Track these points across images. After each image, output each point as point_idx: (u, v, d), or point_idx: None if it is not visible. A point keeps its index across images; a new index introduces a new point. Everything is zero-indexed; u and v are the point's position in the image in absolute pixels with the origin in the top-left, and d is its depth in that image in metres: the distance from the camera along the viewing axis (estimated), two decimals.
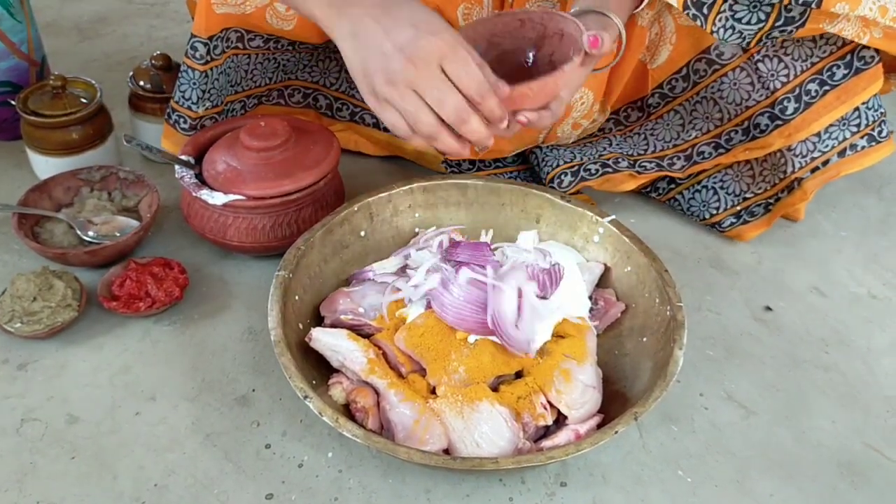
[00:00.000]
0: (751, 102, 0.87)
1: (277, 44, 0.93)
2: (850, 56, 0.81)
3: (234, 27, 0.87)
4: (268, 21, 0.86)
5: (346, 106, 1.04)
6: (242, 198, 0.79)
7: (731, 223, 0.95)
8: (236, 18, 0.86)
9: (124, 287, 0.78)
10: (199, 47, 0.86)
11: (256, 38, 0.91)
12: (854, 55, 0.81)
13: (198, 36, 0.85)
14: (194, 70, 0.87)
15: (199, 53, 0.86)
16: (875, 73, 0.82)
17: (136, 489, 0.65)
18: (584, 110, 0.87)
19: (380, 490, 0.66)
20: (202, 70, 0.86)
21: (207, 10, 0.84)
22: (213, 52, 0.87)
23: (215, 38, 0.86)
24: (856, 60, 0.82)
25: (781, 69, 0.84)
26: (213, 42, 0.86)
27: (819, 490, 0.69)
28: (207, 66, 0.87)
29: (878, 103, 0.86)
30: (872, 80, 0.82)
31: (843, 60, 0.82)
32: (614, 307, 0.77)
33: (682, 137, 0.93)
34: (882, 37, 0.76)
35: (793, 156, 0.87)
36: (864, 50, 0.81)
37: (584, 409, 0.67)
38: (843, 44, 0.81)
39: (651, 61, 0.89)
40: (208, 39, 0.86)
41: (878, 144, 0.87)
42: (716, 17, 0.74)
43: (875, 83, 0.83)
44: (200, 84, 0.88)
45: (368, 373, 0.68)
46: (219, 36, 0.86)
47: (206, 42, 0.86)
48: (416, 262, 0.78)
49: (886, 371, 0.80)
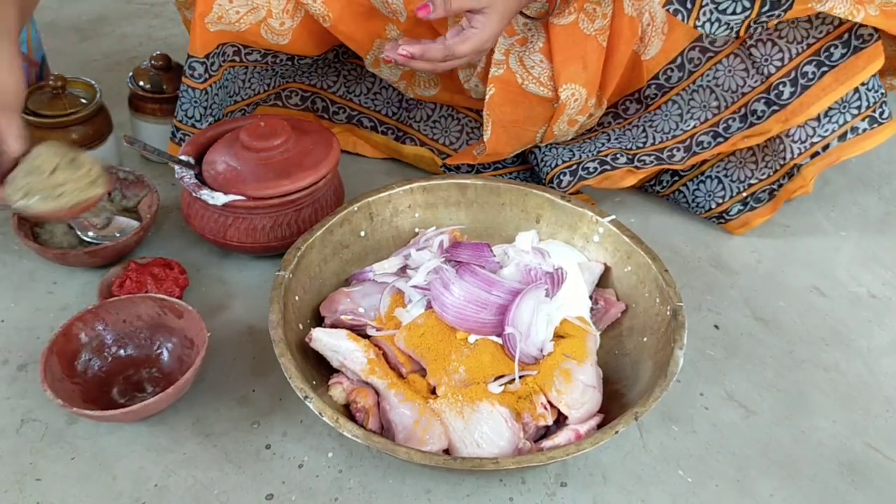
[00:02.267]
0: (746, 89, 0.86)
1: (276, 58, 0.93)
2: (847, 35, 0.79)
3: (229, 42, 0.88)
4: (263, 37, 0.87)
5: (343, 109, 1.04)
6: (242, 198, 0.79)
7: (738, 210, 0.94)
8: (231, 35, 0.86)
9: (124, 287, 0.78)
10: (196, 67, 0.86)
11: (254, 53, 0.92)
12: (852, 33, 0.79)
13: (194, 56, 0.86)
14: (195, 89, 0.87)
15: (198, 72, 0.87)
16: (874, 51, 0.79)
17: (136, 489, 0.65)
18: (578, 107, 0.86)
19: (380, 490, 0.66)
20: (202, 88, 0.87)
21: (202, 29, 0.85)
22: (210, 70, 0.88)
23: (212, 55, 0.87)
24: (854, 39, 0.79)
25: (775, 53, 0.82)
26: (210, 59, 0.87)
27: (819, 489, 0.69)
28: (206, 84, 0.88)
29: (877, 84, 0.83)
30: (872, 58, 0.80)
31: (840, 40, 0.80)
32: (614, 307, 0.77)
33: (681, 128, 0.92)
34: (879, 14, 0.74)
35: (791, 142, 0.86)
36: (862, 28, 0.79)
37: (584, 409, 0.67)
38: (839, 23, 0.79)
39: (644, 52, 0.89)
40: (205, 58, 0.86)
41: (880, 126, 0.85)
42: (699, 12, 0.73)
43: (875, 62, 0.80)
44: (202, 102, 0.89)
45: (368, 373, 0.68)
46: (215, 52, 0.87)
47: (204, 61, 0.86)
48: (416, 262, 0.78)
49: (886, 371, 0.80)
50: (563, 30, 0.83)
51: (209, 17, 0.84)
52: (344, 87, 1.03)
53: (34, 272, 0.85)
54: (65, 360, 0.69)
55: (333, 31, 0.86)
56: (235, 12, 0.84)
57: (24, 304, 0.82)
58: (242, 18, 0.84)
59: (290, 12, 0.85)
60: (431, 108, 1.02)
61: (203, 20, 0.84)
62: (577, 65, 0.84)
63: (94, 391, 0.70)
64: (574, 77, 0.84)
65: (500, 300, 0.71)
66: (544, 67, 0.85)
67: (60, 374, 0.68)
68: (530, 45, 0.85)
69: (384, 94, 1.03)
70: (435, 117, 1.02)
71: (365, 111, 1.04)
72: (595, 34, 0.83)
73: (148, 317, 0.74)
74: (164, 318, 0.74)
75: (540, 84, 0.85)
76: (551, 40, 0.84)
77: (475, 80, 0.91)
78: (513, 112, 0.87)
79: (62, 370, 0.69)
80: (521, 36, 0.85)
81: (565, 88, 0.84)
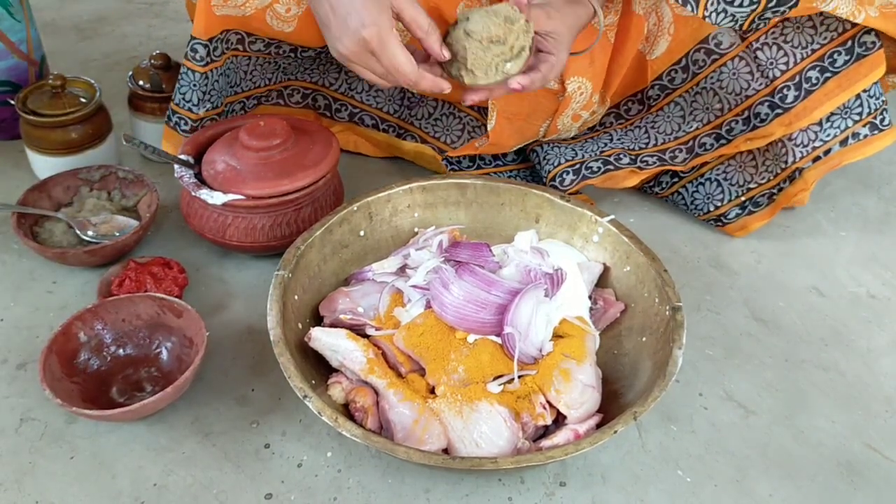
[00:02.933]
0: (750, 92, 0.86)
1: (279, 49, 0.93)
2: (851, 42, 0.81)
3: (234, 29, 0.87)
4: (268, 23, 0.86)
5: (345, 106, 1.04)
6: (242, 197, 0.79)
7: (736, 214, 0.94)
8: (236, 20, 0.86)
9: (123, 286, 0.78)
10: (198, 49, 0.85)
11: (257, 42, 0.91)
12: (855, 41, 0.80)
13: (197, 38, 0.85)
14: (194, 72, 0.87)
15: (199, 55, 0.86)
16: (876, 58, 0.81)
17: (135, 489, 0.65)
18: (583, 101, 0.87)
19: (379, 490, 0.66)
20: (202, 72, 0.86)
21: (207, 11, 0.84)
22: (212, 54, 0.87)
23: (215, 40, 0.86)
24: (857, 46, 0.81)
25: (781, 57, 0.83)
26: (213, 44, 0.86)
27: (818, 490, 0.69)
28: (207, 68, 0.87)
29: (879, 91, 0.84)
30: (874, 66, 0.81)
31: (843, 46, 0.81)
32: (613, 307, 0.77)
33: (684, 129, 0.92)
34: (878, 16, 0.75)
35: (793, 145, 0.87)
36: (865, 35, 0.80)
37: (583, 409, 0.67)
38: (843, 30, 0.80)
39: (650, 52, 0.89)
40: (208, 41, 0.85)
41: (881, 133, 0.86)
42: (707, 2, 0.74)
43: (877, 69, 0.81)
44: (201, 86, 0.88)
45: (368, 372, 0.68)
46: (218, 38, 0.86)
47: (206, 44, 0.85)
48: (415, 262, 0.78)
49: (886, 371, 0.80)
50: None
51: (215, 0, 0.83)
52: (346, 84, 1.03)
53: (34, 271, 0.85)
54: (64, 360, 0.69)
55: None
56: None
57: (24, 303, 0.82)
58: (248, 2, 0.84)
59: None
60: (433, 105, 1.02)
61: (209, 3, 0.83)
62: (584, 58, 0.84)
63: (94, 390, 0.70)
64: (581, 70, 0.85)
65: (500, 300, 0.71)
66: None
67: (60, 373, 0.68)
68: None
69: (386, 91, 1.03)
70: (437, 115, 1.02)
71: (366, 109, 1.04)
72: (605, 30, 0.83)
73: (147, 316, 0.74)
74: (163, 317, 0.74)
75: None
76: None
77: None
78: (518, 104, 0.88)
79: (61, 369, 0.69)
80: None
81: (572, 81, 0.85)
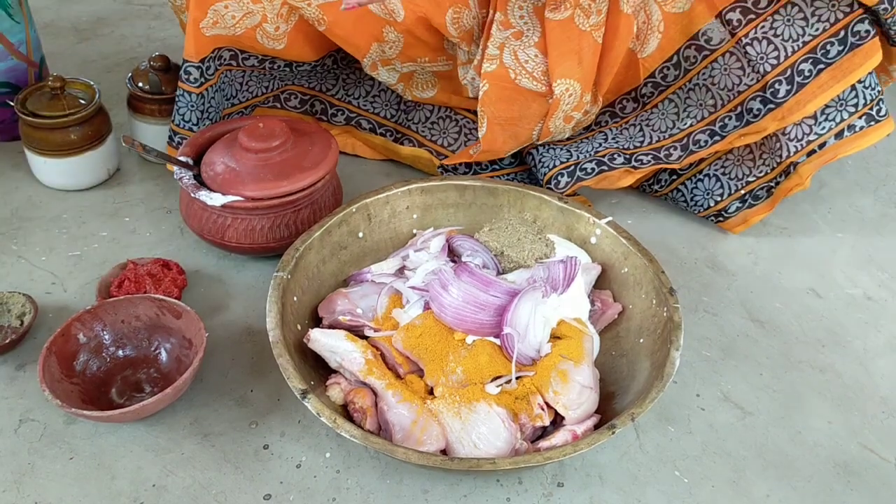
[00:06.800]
0: (742, 87, 0.86)
1: (273, 64, 0.94)
2: (844, 32, 0.79)
3: (226, 46, 0.88)
4: (259, 41, 0.86)
5: (342, 111, 1.05)
6: (241, 199, 0.79)
7: (736, 208, 0.95)
8: (227, 39, 0.86)
9: (122, 288, 0.79)
10: (192, 71, 0.86)
11: (251, 58, 0.91)
12: (848, 30, 0.79)
13: (189, 60, 0.86)
14: (191, 93, 0.87)
15: (193, 77, 0.87)
16: (871, 47, 0.79)
17: (134, 489, 0.65)
18: (574, 102, 0.87)
19: (378, 490, 0.66)
20: (198, 92, 0.87)
21: (196, 34, 0.84)
22: (206, 74, 0.88)
23: (207, 60, 0.87)
24: (850, 36, 0.79)
25: (771, 51, 0.82)
26: (206, 63, 0.87)
27: (815, 490, 0.69)
28: (202, 88, 0.88)
29: (875, 82, 0.83)
30: (869, 55, 0.80)
31: (836, 37, 0.80)
32: (611, 308, 0.77)
33: (678, 126, 0.93)
34: None
35: (787, 140, 0.86)
36: (859, 24, 0.79)
37: (581, 410, 0.67)
38: (836, 20, 0.79)
39: (641, 50, 0.89)
40: (200, 62, 0.86)
41: (877, 124, 0.85)
42: None
43: (872, 59, 0.80)
44: (198, 106, 0.89)
45: (366, 373, 0.68)
46: (211, 56, 0.87)
47: (199, 65, 0.86)
48: (414, 264, 0.78)
49: (882, 372, 0.81)
50: (558, 25, 0.83)
51: (204, 23, 0.84)
52: (343, 89, 1.04)
53: (33, 271, 0.85)
54: (63, 361, 0.70)
55: (329, 35, 0.86)
56: (231, 16, 0.84)
57: None
58: (238, 22, 0.84)
59: (283, 16, 0.85)
60: (430, 109, 1.03)
61: (198, 25, 0.84)
62: (572, 60, 0.84)
63: (93, 391, 0.70)
64: (569, 72, 0.84)
65: (499, 301, 0.71)
66: (538, 62, 0.85)
67: (59, 374, 0.68)
68: (525, 40, 0.85)
69: (383, 96, 1.04)
70: (433, 119, 1.03)
71: (364, 113, 1.04)
72: (590, 30, 0.83)
73: (146, 317, 0.74)
74: (162, 318, 0.74)
75: (533, 79, 0.85)
76: (547, 35, 0.84)
77: (472, 73, 0.91)
78: (508, 109, 0.88)
79: (61, 370, 0.69)
80: (517, 30, 0.85)
81: (559, 83, 0.84)
